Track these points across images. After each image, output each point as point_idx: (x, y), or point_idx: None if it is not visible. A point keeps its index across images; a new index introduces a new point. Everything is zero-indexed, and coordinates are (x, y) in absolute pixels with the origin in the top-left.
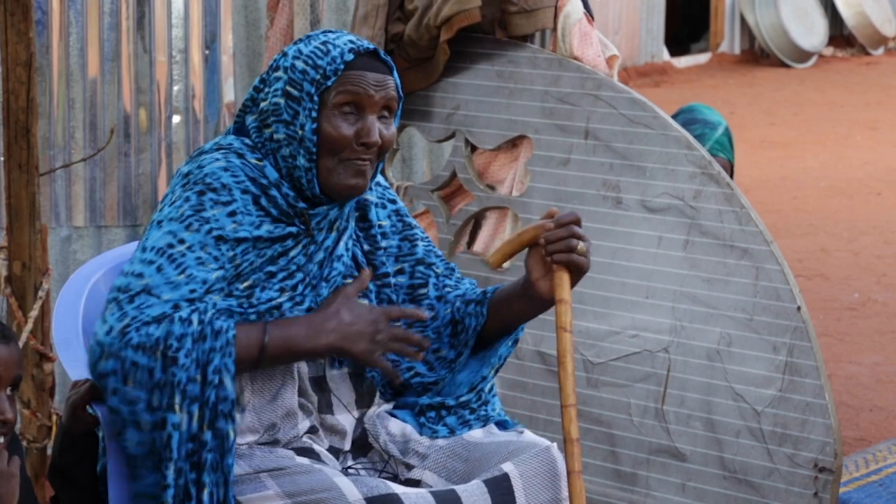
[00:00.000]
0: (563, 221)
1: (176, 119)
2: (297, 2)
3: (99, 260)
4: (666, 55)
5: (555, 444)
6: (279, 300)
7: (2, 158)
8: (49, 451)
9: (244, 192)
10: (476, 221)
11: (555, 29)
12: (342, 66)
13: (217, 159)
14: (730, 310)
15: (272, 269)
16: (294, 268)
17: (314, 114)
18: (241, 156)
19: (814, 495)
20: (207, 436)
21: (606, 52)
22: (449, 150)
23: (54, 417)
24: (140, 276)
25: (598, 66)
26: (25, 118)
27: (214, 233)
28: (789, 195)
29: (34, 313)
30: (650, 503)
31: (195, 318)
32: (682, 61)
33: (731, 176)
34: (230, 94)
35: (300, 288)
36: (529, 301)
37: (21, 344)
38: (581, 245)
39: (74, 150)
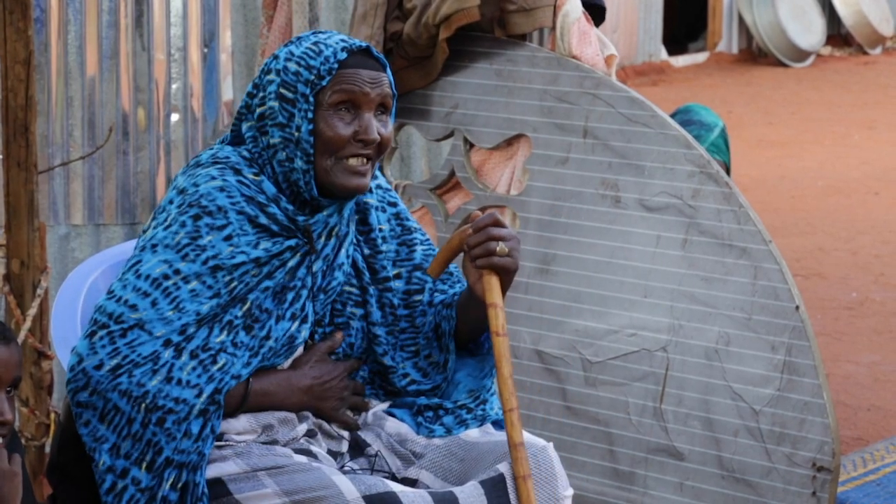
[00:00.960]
0: (480, 225)
1: (174, 117)
2: (295, 0)
3: (97, 258)
4: (664, 54)
5: (551, 444)
6: (292, 330)
7: (0, 156)
8: (47, 449)
9: (239, 213)
10: None
11: (553, 28)
12: (336, 66)
13: (213, 177)
14: (728, 309)
15: (269, 283)
16: (298, 284)
17: (310, 114)
18: (237, 171)
19: (812, 495)
20: (171, 495)
21: (605, 51)
22: (447, 148)
23: (52, 415)
24: (134, 307)
25: (597, 65)
26: (24, 116)
27: (210, 262)
28: (787, 194)
29: (32, 311)
30: (648, 502)
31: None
32: (680, 60)
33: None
34: (228, 92)
35: (306, 305)
36: (477, 305)
37: (19, 342)
38: (500, 246)
39: (73, 148)
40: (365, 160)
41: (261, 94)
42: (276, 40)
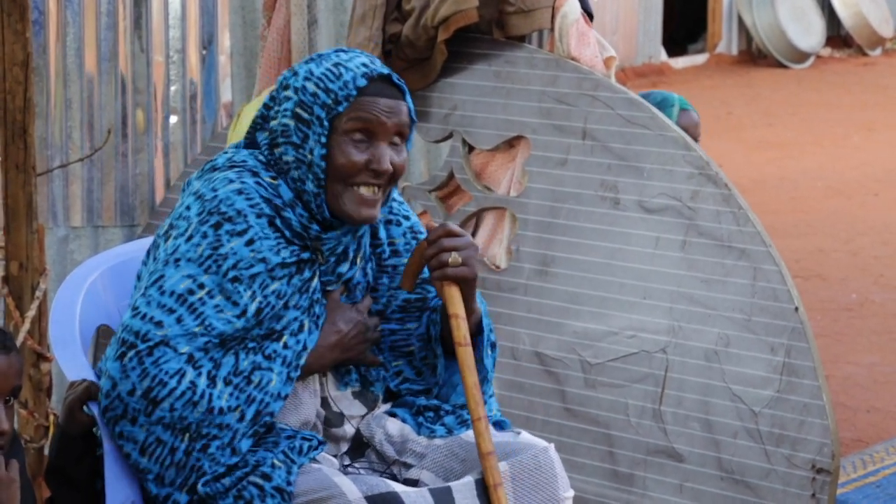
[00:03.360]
0: (432, 238)
1: (173, 119)
2: (293, 2)
3: (96, 260)
4: (663, 56)
5: (552, 445)
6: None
7: None
8: (46, 452)
9: (259, 215)
10: (476, 222)
11: (552, 29)
12: (354, 93)
13: (231, 180)
14: (727, 310)
15: (283, 288)
16: (318, 296)
17: (324, 139)
18: (255, 174)
19: (811, 496)
20: None
21: (604, 53)
22: (446, 150)
23: (51, 417)
24: (160, 324)
25: (596, 67)
26: (23, 118)
27: (231, 274)
28: (787, 196)
29: (31, 313)
30: (647, 503)
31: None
32: (680, 62)
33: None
34: (227, 94)
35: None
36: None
37: (18, 344)
38: (453, 257)
39: (72, 150)
40: (376, 189)
41: (276, 109)
42: (275, 42)
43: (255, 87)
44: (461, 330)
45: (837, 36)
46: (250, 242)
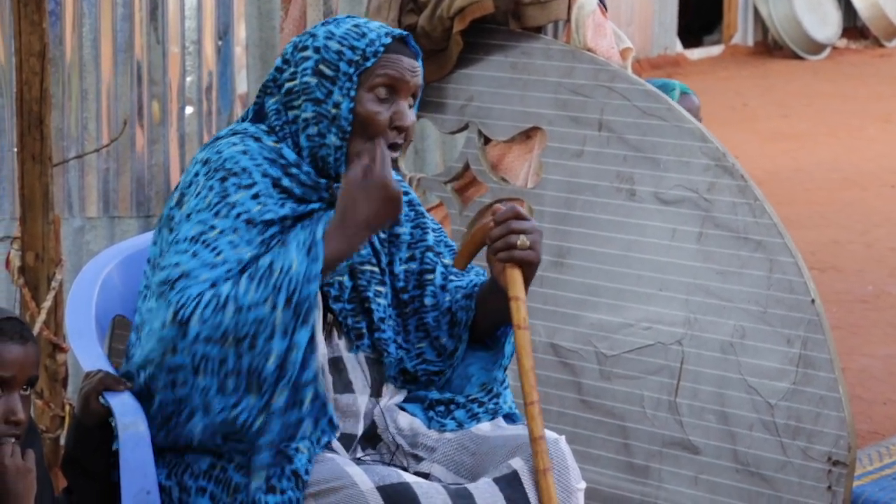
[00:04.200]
0: (500, 219)
1: (189, 110)
2: None
3: (112, 250)
4: (679, 47)
5: (563, 437)
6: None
7: (15, 149)
8: (62, 442)
9: (264, 175)
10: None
11: (568, 20)
12: (381, 49)
13: (234, 143)
14: (743, 302)
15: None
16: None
17: (353, 93)
18: (257, 139)
19: (827, 489)
20: (280, 401)
21: (620, 44)
22: (462, 141)
23: (67, 408)
24: (177, 265)
25: (612, 58)
26: (39, 109)
27: (243, 217)
28: (802, 187)
29: (47, 304)
30: (662, 496)
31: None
32: (695, 53)
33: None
34: (243, 85)
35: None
36: (501, 296)
37: (34, 334)
38: (521, 240)
39: (87, 140)
40: (395, 148)
41: (291, 70)
42: (291, 33)
43: None
44: (521, 312)
45: (853, 27)
46: (256, 196)
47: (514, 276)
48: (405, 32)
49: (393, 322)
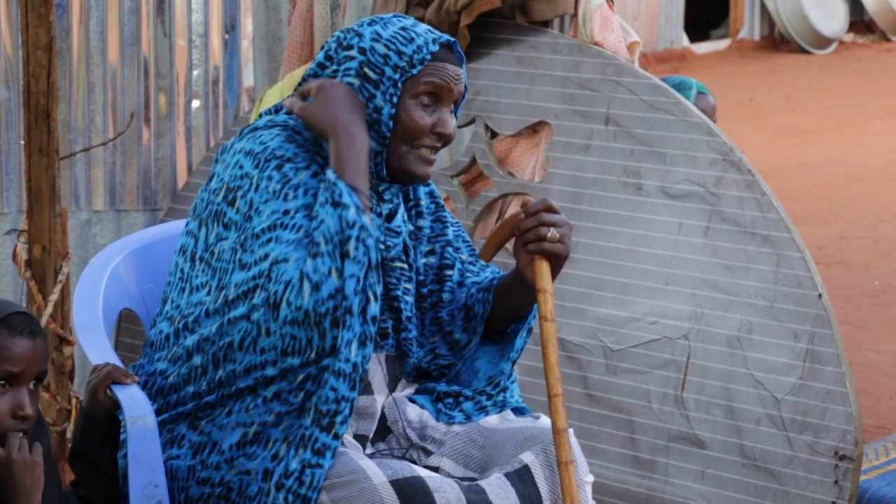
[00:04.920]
0: (532, 211)
1: (195, 103)
2: None
3: (119, 244)
4: (685, 41)
5: (570, 431)
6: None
7: (22, 142)
8: (69, 435)
9: (313, 160)
10: (501, 208)
11: (575, 14)
12: (429, 57)
13: (277, 134)
14: (750, 297)
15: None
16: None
17: (395, 99)
18: (297, 132)
19: (834, 483)
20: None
21: (627, 38)
22: (469, 135)
23: (74, 401)
24: (265, 257)
25: (619, 52)
26: (46, 102)
27: (311, 192)
28: (809, 182)
29: (54, 297)
30: (669, 490)
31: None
32: (702, 47)
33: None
34: (250, 78)
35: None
36: (524, 288)
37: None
38: (552, 232)
39: (94, 133)
40: (434, 151)
41: (333, 68)
42: (298, 26)
43: (278, 72)
44: (548, 304)
45: (861, 21)
46: (315, 174)
47: (543, 268)
48: (452, 39)
49: (417, 320)
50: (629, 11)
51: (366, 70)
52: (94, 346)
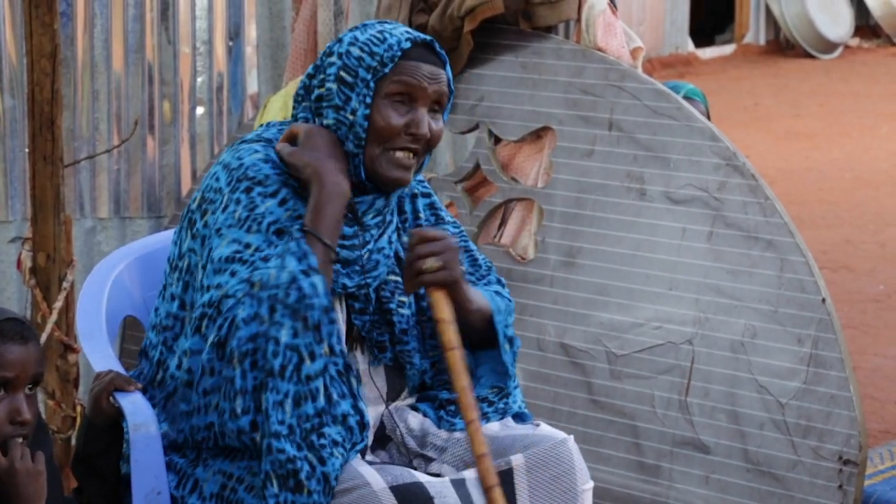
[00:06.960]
0: (408, 246)
1: (200, 111)
2: None
3: (123, 251)
4: (690, 46)
5: (571, 437)
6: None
7: (27, 150)
8: (73, 442)
9: (285, 184)
10: (504, 214)
11: (579, 20)
12: (399, 54)
13: (256, 151)
14: (754, 301)
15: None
16: (353, 255)
17: (368, 100)
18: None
19: (838, 488)
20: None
21: (631, 44)
22: (472, 141)
23: (78, 408)
24: (219, 286)
25: (623, 57)
26: (50, 110)
27: (273, 227)
28: (814, 187)
29: (59, 304)
30: (673, 495)
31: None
32: (707, 52)
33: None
34: (254, 85)
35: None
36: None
37: (45, 335)
38: (428, 263)
39: (99, 141)
40: (411, 155)
41: (320, 77)
42: (302, 33)
43: (282, 79)
44: (447, 334)
45: (866, 26)
46: (283, 202)
47: (437, 299)
48: (429, 38)
49: (416, 332)
50: (634, 17)
51: (342, 73)
52: (97, 353)
